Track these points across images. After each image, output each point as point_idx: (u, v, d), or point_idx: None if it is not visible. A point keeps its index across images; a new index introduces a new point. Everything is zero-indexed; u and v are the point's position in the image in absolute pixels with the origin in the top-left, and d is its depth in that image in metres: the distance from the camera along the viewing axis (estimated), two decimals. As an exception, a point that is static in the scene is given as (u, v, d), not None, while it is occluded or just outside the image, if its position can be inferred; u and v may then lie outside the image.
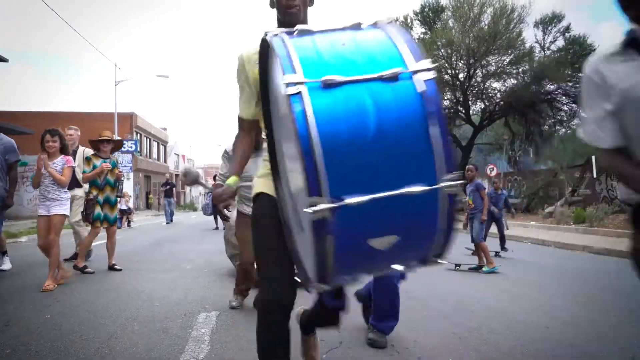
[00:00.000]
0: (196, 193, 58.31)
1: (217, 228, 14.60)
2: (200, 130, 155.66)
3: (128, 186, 27.58)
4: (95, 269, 6.05)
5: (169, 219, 19.09)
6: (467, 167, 7.79)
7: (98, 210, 6.04)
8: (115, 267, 6.25)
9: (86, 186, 6.67)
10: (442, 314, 4.17)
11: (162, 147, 44.72)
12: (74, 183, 6.60)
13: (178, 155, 54.88)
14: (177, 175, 51.12)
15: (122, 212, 15.98)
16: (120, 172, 6.33)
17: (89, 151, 6.72)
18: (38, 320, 3.73)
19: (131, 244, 10.20)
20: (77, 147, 6.81)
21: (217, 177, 3.91)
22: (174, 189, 20.05)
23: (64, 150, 5.17)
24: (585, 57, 20.41)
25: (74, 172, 6.62)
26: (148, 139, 39.56)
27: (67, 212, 5.18)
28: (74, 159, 6.68)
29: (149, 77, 40.87)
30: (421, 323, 3.82)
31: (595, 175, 16.19)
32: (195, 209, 40.11)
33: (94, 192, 6.11)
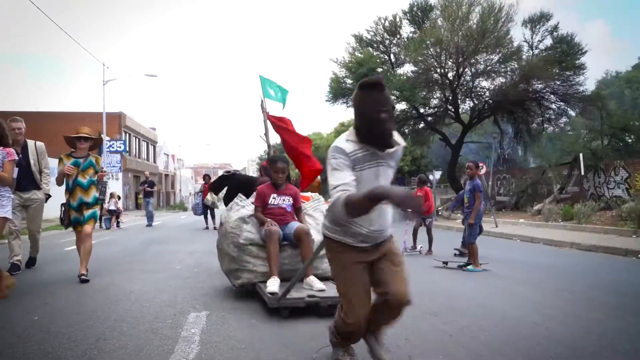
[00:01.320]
0: (186, 193, 58.00)
1: (207, 228, 14.54)
2: (189, 130, 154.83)
3: (117, 186, 27.37)
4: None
5: (150, 221, 16.93)
6: (467, 164, 7.41)
7: (74, 215, 5.54)
8: (82, 277, 5.38)
9: (49, 188, 6.31)
10: (432, 311, 4.19)
11: (151, 147, 44.42)
12: (31, 184, 6.06)
13: (167, 155, 54.53)
14: (166, 176, 50.77)
15: (111, 212, 15.83)
16: (102, 172, 5.77)
17: (40, 144, 6.23)
18: (25, 323, 3.69)
19: (120, 244, 10.12)
20: (25, 142, 6.12)
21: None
22: (155, 187, 18.76)
23: (2, 141, 4.49)
24: (572, 55, 20.71)
25: (31, 172, 6.05)
26: (137, 139, 39.28)
27: (9, 215, 4.53)
28: (28, 155, 6.08)
29: (137, 77, 40.58)
30: (412, 321, 3.83)
31: (583, 173, 16.35)
32: (185, 209, 39.86)
33: (66, 196, 5.60)
